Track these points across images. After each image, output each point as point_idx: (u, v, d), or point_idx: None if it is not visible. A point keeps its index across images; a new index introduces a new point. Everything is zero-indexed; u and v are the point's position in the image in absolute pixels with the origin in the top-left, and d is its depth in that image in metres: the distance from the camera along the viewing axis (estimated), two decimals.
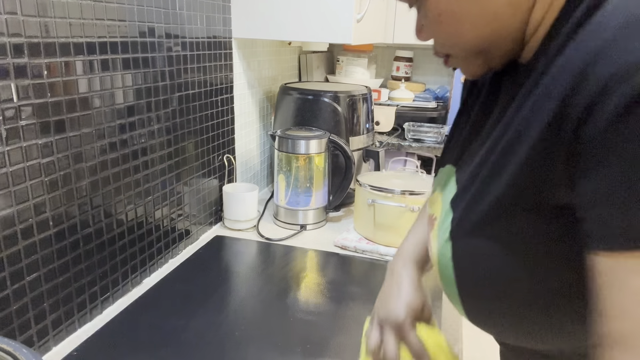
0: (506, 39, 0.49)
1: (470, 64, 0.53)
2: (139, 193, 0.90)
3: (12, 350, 0.46)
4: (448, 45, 0.52)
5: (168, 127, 0.97)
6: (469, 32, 0.49)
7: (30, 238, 0.68)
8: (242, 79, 1.28)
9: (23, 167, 0.65)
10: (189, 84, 1.03)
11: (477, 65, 0.52)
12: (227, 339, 0.78)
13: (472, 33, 0.49)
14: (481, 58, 0.51)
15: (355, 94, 1.32)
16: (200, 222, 1.15)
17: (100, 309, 0.84)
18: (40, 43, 0.66)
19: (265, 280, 0.96)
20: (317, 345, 0.77)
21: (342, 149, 1.22)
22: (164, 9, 0.92)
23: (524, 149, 0.45)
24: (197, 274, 0.97)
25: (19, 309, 0.67)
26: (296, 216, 1.22)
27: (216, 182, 1.20)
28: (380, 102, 1.82)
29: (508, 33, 0.48)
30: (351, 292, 0.94)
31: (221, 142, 1.20)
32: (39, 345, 0.72)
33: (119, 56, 0.81)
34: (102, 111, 0.78)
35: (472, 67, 0.53)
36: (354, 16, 1.13)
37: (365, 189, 1.13)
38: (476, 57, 0.51)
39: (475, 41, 0.49)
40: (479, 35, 0.48)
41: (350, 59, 1.88)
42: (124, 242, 0.88)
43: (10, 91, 0.62)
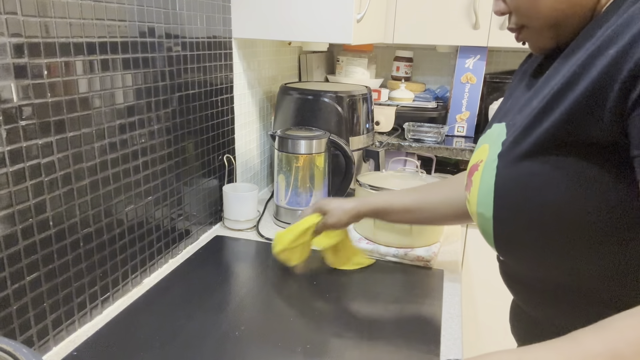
0: (580, 14, 0.55)
1: (541, 37, 0.58)
2: (139, 193, 0.90)
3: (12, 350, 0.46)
4: (526, 16, 0.58)
5: (168, 127, 0.97)
6: (548, 3, 0.55)
7: (30, 238, 0.68)
8: (242, 79, 1.28)
9: (23, 167, 0.65)
10: (189, 84, 1.03)
11: (548, 38, 0.58)
12: (227, 339, 0.78)
13: (549, 4, 0.55)
14: (554, 31, 0.57)
15: (355, 94, 1.32)
16: (200, 222, 1.15)
17: (100, 309, 0.84)
18: (40, 43, 0.66)
19: (265, 280, 0.96)
20: (317, 345, 0.77)
21: (342, 149, 1.22)
22: (164, 9, 0.92)
23: (579, 90, 0.50)
24: (197, 274, 0.97)
25: (19, 309, 0.67)
26: (296, 216, 1.22)
27: (216, 182, 1.20)
28: (380, 102, 1.82)
29: (582, 8, 0.55)
30: (351, 292, 0.94)
31: (221, 142, 1.20)
32: (39, 345, 0.72)
33: (119, 56, 0.81)
34: (102, 111, 0.78)
35: (543, 39, 0.59)
36: (354, 16, 1.13)
37: (365, 189, 1.13)
38: (549, 30, 0.57)
39: (551, 13, 0.55)
40: (557, 7, 0.55)
41: (350, 59, 1.88)
42: (124, 242, 0.88)
43: (10, 91, 0.62)
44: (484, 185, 0.60)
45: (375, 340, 0.79)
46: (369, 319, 0.84)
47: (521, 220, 0.56)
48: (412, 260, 1.06)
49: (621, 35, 0.48)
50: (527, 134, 0.55)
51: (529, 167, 0.54)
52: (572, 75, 0.52)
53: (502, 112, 0.69)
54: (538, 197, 0.54)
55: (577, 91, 0.50)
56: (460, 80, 1.73)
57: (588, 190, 0.51)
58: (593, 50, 0.50)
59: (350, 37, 1.14)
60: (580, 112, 0.50)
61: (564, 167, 0.52)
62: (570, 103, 0.50)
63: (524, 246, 0.58)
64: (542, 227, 0.54)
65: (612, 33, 0.49)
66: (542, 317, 0.64)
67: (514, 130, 0.58)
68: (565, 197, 0.52)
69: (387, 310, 0.88)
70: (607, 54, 0.48)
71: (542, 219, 0.54)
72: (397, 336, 0.80)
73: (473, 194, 0.63)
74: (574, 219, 0.52)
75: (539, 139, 0.53)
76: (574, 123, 0.50)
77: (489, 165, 0.60)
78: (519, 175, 0.55)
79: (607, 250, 0.52)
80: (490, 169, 0.59)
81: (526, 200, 0.55)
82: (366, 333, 0.80)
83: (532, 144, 0.54)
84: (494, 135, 0.64)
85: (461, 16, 1.63)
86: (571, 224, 0.52)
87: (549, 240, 0.55)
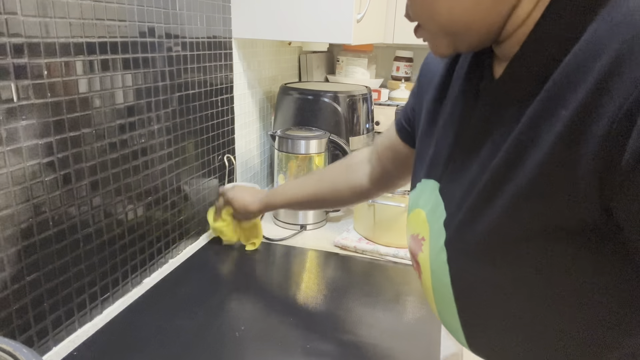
0: (481, 29, 0.45)
1: (437, 42, 0.48)
2: (139, 193, 0.90)
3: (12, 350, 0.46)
4: (419, 17, 0.48)
5: (168, 127, 0.97)
6: (444, 11, 0.44)
7: (30, 238, 0.68)
8: (242, 79, 1.28)
9: (23, 167, 0.65)
10: (189, 84, 1.03)
11: (444, 45, 0.48)
12: (227, 339, 0.78)
13: (446, 14, 0.44)
14: (450, 39, 0.47)
15: (355, 94, 1.32)
16: (200, 222, 1.15)
17: (100, 309, 0.84)
18: (40, 43, 0.66)
19: (265, 280, 0.96)
20: (317, 345, 0.77)
21: (342, 149, 1.22)
22: (164, 9, 0.92)
23: (531, 166, 0.40)
24: (197, 274, 0.97)
25: (19, 309, 0.67)
26: (296, 216, 1.22)
27: (216, 182, 1.20)
28: (380, 102, 1.82)
29: (484, 24, 0.44)
30: (351, 292, 0.93)
31: (221, 142, 1.20)
32: (39, 345, 0.72)
33: (119, 56, 0.81)
34: (102, 111, 0.78)
35: (439, 45, 0.48)
36: (354, 16, 1.13)
37: None
38: (445, 37, 0.47)
39: (448, 23, 0.45)
40: (453, 19, 0.45)
41: (350, 59, 1.88)
42: (124, 242, 0.88)
43: (10, 91, 0.62)
44: (439, 283, 0.51)
45: (375, 340, 0.79)
46: (369, 319, 0.84)
47: (492, 329, 0.48)
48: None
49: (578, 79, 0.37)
50: (472, 220, 0.46)
51: (485, 264, 0.45)
52: (515, 145, 0.42)
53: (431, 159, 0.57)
54: (506, 301, 0.45)
55: (527, 168, 0.40)
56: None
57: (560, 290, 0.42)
58: (540, 103, 0.40)
59: (350, 37, 1.14)
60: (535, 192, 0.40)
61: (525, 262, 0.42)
62: (518, 185, 0.41)
63: (503, 354, 0.50)
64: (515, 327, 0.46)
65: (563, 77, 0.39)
66: None
67: (456, 208, 0.49)
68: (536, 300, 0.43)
69: (387, 309, 0.88)
70: (560, 114, 0.38)
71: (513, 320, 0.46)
72: (397, 336, 0.80)
73: (427, 287, 0.55)
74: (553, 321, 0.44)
75: (488, 228, 0.44)
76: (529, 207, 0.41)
77: (437, 256, 0.51)
78: (476, 275, 0.46)
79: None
80: (440, 262, 0.50)
81: (492, 305, 0.46)
82: (366, 333, 0.80)
83: (482, 233, 0.44)
84: (429, 201, 0.54)
85: None
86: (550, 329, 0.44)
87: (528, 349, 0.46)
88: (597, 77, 0.36)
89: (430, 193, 0.55)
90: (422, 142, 0.60)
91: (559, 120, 0.38)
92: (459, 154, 0.51)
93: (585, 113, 0.36)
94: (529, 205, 0.41)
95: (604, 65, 0.36)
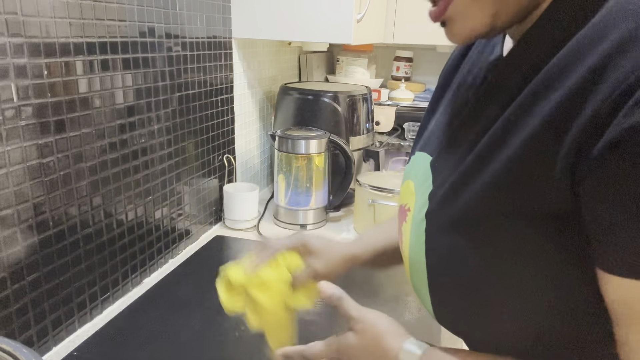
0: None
1: (476, 12, 0.43)
2: (139, 193, 0.90)
3: (12, 350, 0.46)
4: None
5: (168, 127, 0.97)
6: None
7: (30, 238, 0.68)
8: (242, 79, 1.28)
9: (23, 167, 0.65)
10: (189, 84, 1.03)
11: (486, 16, 0.43)
12: (227, 339, 0.77)
13: None
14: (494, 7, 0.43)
15: (355, 94, 1.32)
16: (200, 222, 1.15)
17: (100, 309, 0.84)
18: (40, 43, 0.66)
19: None
20: None
21: (342, 149, 1.22)
22: (164, 9, 0.92)
23: (514, 146, 0.40)
24: (197, 274, 0.97)
25: (19, 309, 0.67)
26: (296, 216, 1.22)
27: (216, 182, 1.20)
28: (380, 102, 1.82)
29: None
30: (351, 291, 0.93)
31: (221, 142, 1.20)
32: (39, 345, 0.72)
33: (119, 56, 0.81)
34: (102, 111, 0.78)
35: (476, 18, 0.43)
36: (354, 16, 1.13)
37: (365, 189, 1.13)
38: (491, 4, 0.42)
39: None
40: None
41: (350, 59, 1.88)
42: (124, 242, 0.88)
43: (10, 91, 0.62)
44: (414, 253, 0.52)
45: None
46: None
47: (457, 301, 0.49)
48: None
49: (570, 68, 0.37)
50: (455, 195, 0.46)
51: (460, 238, 0.45)
52: (503, 125, 0.42)
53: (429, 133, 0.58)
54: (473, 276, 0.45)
55: (510, 148, 0.40)
56: None
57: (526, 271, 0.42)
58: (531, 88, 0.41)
59: (350, 37, 1.14)
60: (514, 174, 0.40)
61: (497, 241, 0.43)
62: (500, 164, 0.41)
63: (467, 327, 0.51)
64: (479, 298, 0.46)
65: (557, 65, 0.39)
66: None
67: (441, 182, 0.49)
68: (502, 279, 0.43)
69: (387, 309, 0.87)
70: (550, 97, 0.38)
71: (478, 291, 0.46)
72: None
73: (405, 256, 0.56)
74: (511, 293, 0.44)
75: (467, 204, 0.44)
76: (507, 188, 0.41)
77: (418, 226, 0.51)
78: (452, 248, 0.46)
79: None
80: (419, 231, 0.51)
81: (460, 278, 0.47)
82: None
83: (460, 209, 0.45)
84: (419, 173, 0.54)
85: None
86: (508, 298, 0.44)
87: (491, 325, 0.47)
88: (593, 63, 0.36)
89: (421, 166, 0.55)
90: (425, 119, 0.62)
91: (548, 103, 0.38)
92: (453, 130, 0.52)
93: (574, 98, 0.36)
94: (505, 187, 0.41)
95: (602, 50, 0.36)
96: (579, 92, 0.36)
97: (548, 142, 0.37)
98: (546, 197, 0.39)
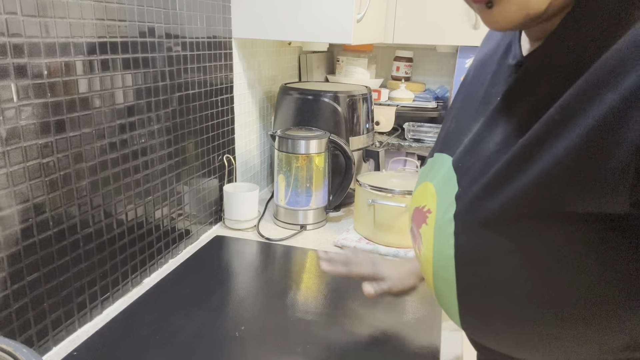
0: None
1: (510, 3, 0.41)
2: (139, 193, 0.90)
3: (12, 350, 0.46)
4: None
5: (168, 127, 0.97)
6: None
7: (30, 238, 0.68)
8: (242, 79, 1.28)
9: (23, 167, 0.65)
10: (189, 84, 1.03)
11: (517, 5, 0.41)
12: (227, 339, 0.78)
13: None
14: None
15: (355, 94, 1.32)
16: (200, 222, 1.15)
17: (100, 309, 0.84)
18: (40, 43, 0.66)
19: (265, 280, 0.96)
20: (317, 345, 0.77)
21: (342, 149, 1.22)
22: (164, 9, 0.92)
23: (563, 146, 0.38)
24: (197, 274, 0.97)
25: (19, 309, 0.67)
26: (296, 216, 1.22)
27: (216, 182, 1.20)
28: (380, 102, 1.82)
29: None
30: (351, 292, 0.93)
31: (221, 142, 1.20)
32: (39, 345, 0.72)
33: (119, 56, 0.81)
34: (102, 111, 0.78)
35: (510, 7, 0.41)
36: (354, 16, 1.13)
37: (365, 189, 1.13)
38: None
39: None
40: None
41: (350, 59, 1.88)
42: (124, 242, 0.88)
43: (10, 91, 0.62)
44: (441, 255, 0.50)
45: (375, 340, 0.79)
46: (369, 319, 0.84)
47: (490, 307, 0.47)
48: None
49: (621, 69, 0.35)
50: (491, 194, 0.44)
51: (496, 240, 0.44)
52: (547, 123, 0.40)
53: (448, 134, 0.57)
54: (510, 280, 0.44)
55: (560, 146, 0.38)
56: (460, 80, 1.73)
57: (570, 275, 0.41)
58: (580, 87, 0.38)
59: (350, 37, 1.14)
60: (563, 174, 0.38)
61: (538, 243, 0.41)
62: (548, 162, 0.39)
63: (497, 334, 0.49)
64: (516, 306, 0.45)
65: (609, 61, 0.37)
66: None
67: (471, 182, 0.48)
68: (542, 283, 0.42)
69: (387, 310, 0.88)
70: (604, 98, 0.36)
71: (515, 299, 0.44)
72: (397, 336, 0.80)
73: (426, 259, 0.54)
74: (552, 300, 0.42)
75: (506, 204, 0.42)
76: (554, 188, 0.39)
77: (443, 228, 0.50)
78: (487, 249, 0.45)
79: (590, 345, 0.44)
80: (446, 234, 0.49)
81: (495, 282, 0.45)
82: (366, 333, 0.80)
83: (498, 209, 0.43)
84: (439, 175, 0.54)
85: (461, 16, 1.62)
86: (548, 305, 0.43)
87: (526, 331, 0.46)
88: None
89: (441, 167, 0.54)
90: (444, 121, 0.62)
91: (602, 103, 0.36)
92: (477, 129, 0.51)
93: (633, 99, 0.34)
94: (551, 188, 0.39)
95: None
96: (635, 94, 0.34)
97: (604, 144, 0.35)
98: (596, 202, 0.37)
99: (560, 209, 0.39)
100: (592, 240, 0.39)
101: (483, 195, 0.45)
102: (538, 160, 0.40)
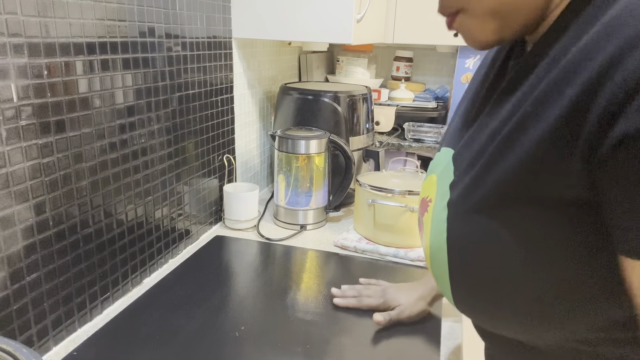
0: (529, 7, 0.45)
1: (483, 26, 0.47)
2: (139, 193, 0.90)
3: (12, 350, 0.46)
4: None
5: (168, 127, 0.97)
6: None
7: (30, 238, 0.68)
8: (242, 79, 1.28)
9: (23, 167, 0.65)
10: (189, 84, 1.03)
11: (490, 30, 0.47)
12: (227, 339, 0.78)
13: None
14: (497, 22, 0.46)
15: (355, 94, 1.32)
16: (200, 222, 1.15)
17: (100, 309, 0.84)
18: (40, 43, 0.66)
19: (265, 280, 0.96)
20: (317, 345, 0.77)
21: (342, 149, 1.22)
22: (164, 9, 0.92)
23: (533, 136, 0.42)
24: (197, 274, 0.97)
25: (19, 309, 0.67)
26: (296, 216, 1.22)
27: (216, 182, 1.20)
28: (380, 102, 1.82)
29: (532, 3, 0.45)
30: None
31: (221, 142, 1.20)
32: (39, 345, 0.72)
33: (119, 56, 0.81)
34: (102, 111, 0.78)
35: (484, 31, 0.47)
36: (354, 16, 1.13)
37: (365, 189, 1.13)
38: (492, 19, 0.46)
39: (497, 2, 0.45)
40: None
41: (350, 59, 1.88)
42: (124, 242, 0.88)
43: (10, 91, 0.62)
44: (436, 240, 0.54)
45: (375, 340, 0.79)
46: (369, 319, 0.84)
47: (477, 286, 0.51)
48: (412, 260, 1.06)
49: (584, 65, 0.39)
50: (477, 183, 0.48)
51: (480, 225, 0.47)
52: (522, 115, 0.44)
53: (453, 129, 0.62)
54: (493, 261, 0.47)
55: (531, 136, 0.42)
56: (461, 80, 1.73)
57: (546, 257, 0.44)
58: (549, 83, 0.42)
59: (350, 37, 1.14)
60: (534, 162, 0.42)
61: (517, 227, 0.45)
62: (521, 152, 0.43)
63: (485, 312, 0.53)
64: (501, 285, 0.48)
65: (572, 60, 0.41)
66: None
67: (463, 172, 0.51)
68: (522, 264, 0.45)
69: None
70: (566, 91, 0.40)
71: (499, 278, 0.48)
72: (396, 336, 0.80)
73: (426, 245, 0.58)
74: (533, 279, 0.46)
75: (489, 192, 0.46)
76: (527, 176, 0.43)
77: (438, 214, 0.54)
78: (471, 233, 0.49)
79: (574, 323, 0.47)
80: (440, 219, 0.53)
81: (480, 263, 0.49)
82: (366, 333, 0.80)
83: (482, 196, 0.47)
84: (441, 166, 0.58)
85: None
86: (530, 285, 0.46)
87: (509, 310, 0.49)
88: (606, 58, 0.37)
89: (443, 159, 0.58)
90: (452, 116, 0.66)
91: (564, 97, 0.40)
92: (475, 124, 0.55)
93: (588, 92, 0.38)
94: (526, 176, 0.43)
95: (615, 47, 0.37)
96: (593, 86, 0.38)
97: (566, 132, 0.39)
98: (565, 185, 0.41)
99: (535, 195, 0.43)
100: (565, 224, 0.42)
101: (472, 184, 0.49)
102: (515, 151, 0.44)
